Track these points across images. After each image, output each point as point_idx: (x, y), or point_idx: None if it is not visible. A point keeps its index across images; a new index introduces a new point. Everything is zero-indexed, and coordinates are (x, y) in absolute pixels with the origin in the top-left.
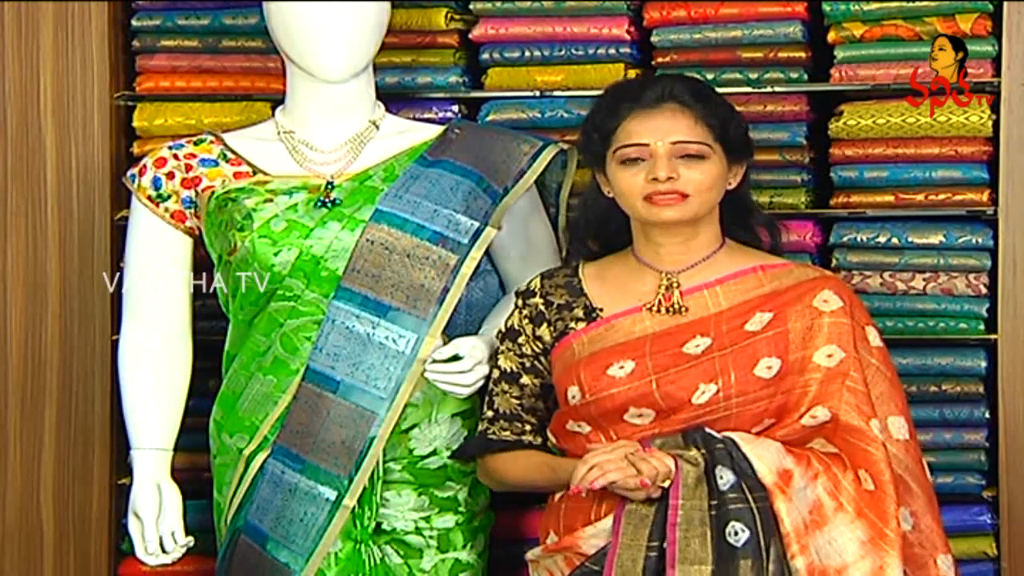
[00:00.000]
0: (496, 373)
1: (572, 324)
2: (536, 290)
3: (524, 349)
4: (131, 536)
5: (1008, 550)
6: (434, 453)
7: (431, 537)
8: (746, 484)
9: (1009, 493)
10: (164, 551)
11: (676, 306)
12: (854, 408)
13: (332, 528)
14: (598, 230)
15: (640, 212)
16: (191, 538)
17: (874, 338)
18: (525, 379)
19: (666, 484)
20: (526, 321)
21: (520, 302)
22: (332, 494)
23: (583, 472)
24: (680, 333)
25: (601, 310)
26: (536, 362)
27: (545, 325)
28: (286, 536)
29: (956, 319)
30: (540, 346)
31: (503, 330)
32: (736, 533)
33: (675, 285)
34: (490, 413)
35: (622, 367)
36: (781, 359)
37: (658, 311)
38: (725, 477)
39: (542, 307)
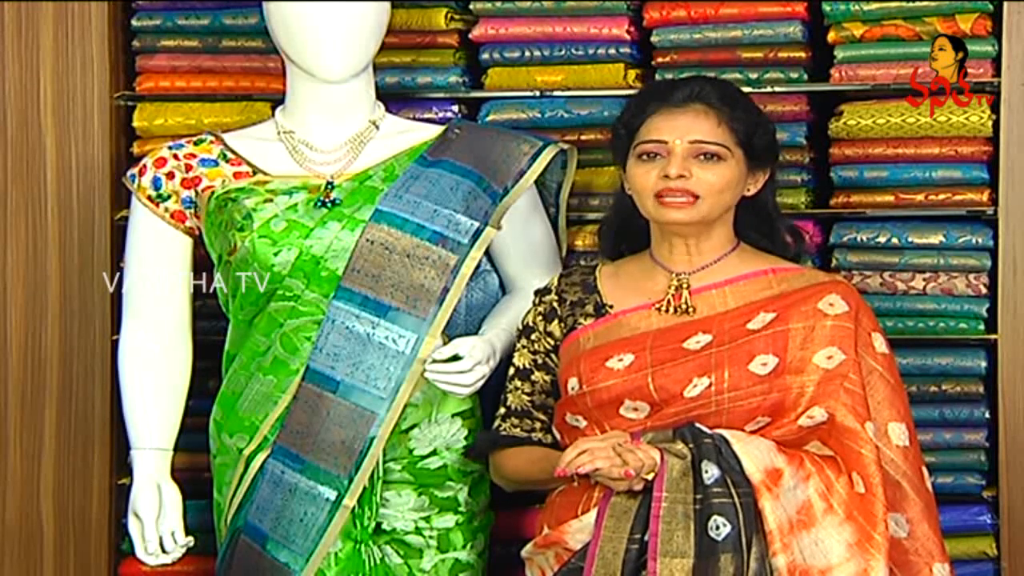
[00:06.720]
0: (511, 370)
1: (581, 320)
2: (552, 288)
3: (536, 346)
4: (131, 536)
5: (1008, 550)
6: (434, 453)
7: (431, 537)
8: (731, 479)
9: (1009, 493)
10: (164, 551)
11: (684, 306)
12: (850, 410)
13: (332, 528)
14: (623, 230)
15: (651, 211)
16: (191, 538)
17: (880, 344)
18: (536, 375)
19: (650, 477)
20: (539, 318)
21: (536, 300)
22: (332, 494)
23: (572, 456)
24: (683, 330)
25: (611, 307)
26: (547, 358)
27: (556, 321)
28: (286, 536)
29: (956, 319)
30: (551, 342)
31: (520, 328)
32: (718, 527)
33: (685, 286)
34: (502, 410)
35: (621, 360)
36: (778, 357)
37: (666, 310)
38: (710, 471)
39: (555, 304)
